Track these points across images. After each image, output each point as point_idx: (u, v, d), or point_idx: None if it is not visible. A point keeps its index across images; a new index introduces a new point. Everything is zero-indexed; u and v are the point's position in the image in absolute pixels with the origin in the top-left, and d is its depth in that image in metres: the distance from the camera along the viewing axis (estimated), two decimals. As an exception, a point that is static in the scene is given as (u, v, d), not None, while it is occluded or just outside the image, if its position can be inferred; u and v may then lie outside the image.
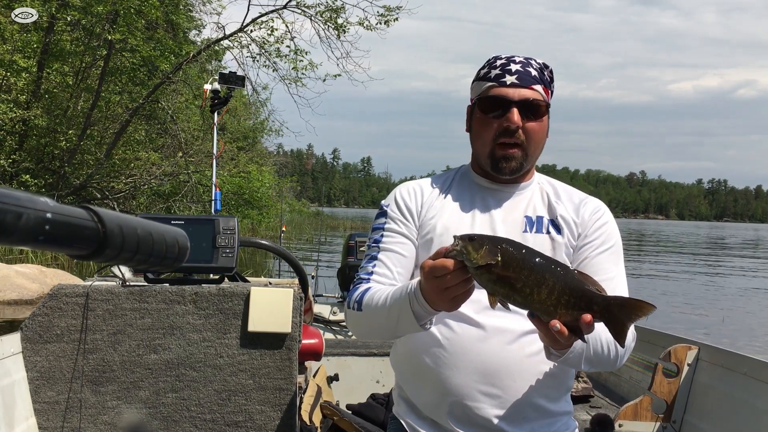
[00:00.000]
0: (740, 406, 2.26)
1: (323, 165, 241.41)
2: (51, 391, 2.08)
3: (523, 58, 1.55)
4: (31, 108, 14.87)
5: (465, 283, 1.20)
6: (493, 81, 1.53)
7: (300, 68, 16.38)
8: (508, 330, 1.47)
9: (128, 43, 15.26)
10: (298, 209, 29.21)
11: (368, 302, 1.47)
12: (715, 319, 10.57)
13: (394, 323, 1.41)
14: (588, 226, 1.56)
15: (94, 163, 16.46)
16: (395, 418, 1.66)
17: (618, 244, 1.58)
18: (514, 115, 1.49)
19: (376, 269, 1.55)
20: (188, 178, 16.98)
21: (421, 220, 1.58)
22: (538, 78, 1.53)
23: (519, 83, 1.50)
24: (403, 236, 1.58)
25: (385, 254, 1.56)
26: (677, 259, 25.59)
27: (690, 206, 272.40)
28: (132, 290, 2.11)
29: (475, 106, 1.57)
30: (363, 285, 1.54)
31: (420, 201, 1.61)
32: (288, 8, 15.95)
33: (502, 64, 1.54)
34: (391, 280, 1.54)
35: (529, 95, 1.51)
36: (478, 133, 1.56)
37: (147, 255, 0.61)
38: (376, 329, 1.52)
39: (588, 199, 1.62)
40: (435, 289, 1.23)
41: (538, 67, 1.55)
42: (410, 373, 1.59)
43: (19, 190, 0.47)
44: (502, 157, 1.52)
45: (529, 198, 1.60)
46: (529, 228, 1.54)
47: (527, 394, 1.48)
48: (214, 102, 5.79)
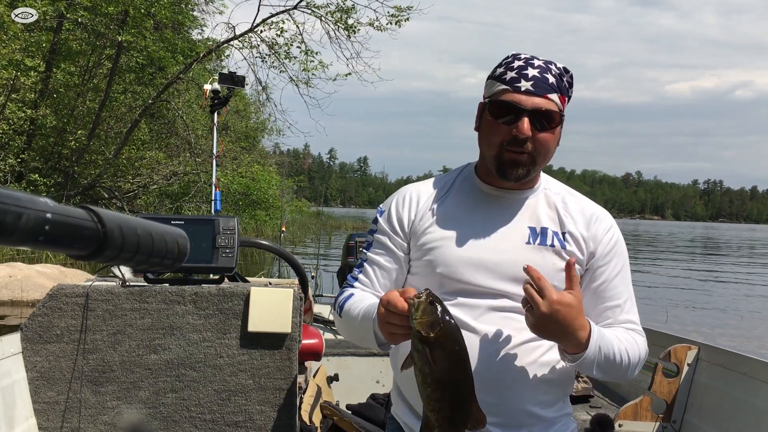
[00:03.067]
0: (740, 406, 2.26)
1: (320, 165, 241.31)
2: (51, 391, 2.08)
3: (543, 62, 1.48)
4: (39, 108, 14.89)
5: (405, 329, 1.26)
6: (507, 84, 1.45)
7: (310, 69, 16.37)
8: (504, 338, 1.46)
9: (138, 44, 15.29)
10: (299, 209, 29.23)
11: (347, 310, 1.54)
12: (734, 322, 10.55)
13: (363, 337, 1.48)
14: (602, 246, 1.52)
15: (103, 162, 16.50)
16: (393, 419, 1.66)
17: (626, 258, 1.58)
18: (524, 125, 1.42)
19: (360, 277, 1.61)
20: (198, 179, 16.99)
21: (413, 230, 1.56)
22: (555, 86, 1.46)
23: (534, 90, 1.43)
24: (388, 250, 1.58)
25: (370, 264, 1.60)
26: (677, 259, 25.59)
27: (686, 207, 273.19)
28: (132, 290, 2.11)
29: (486, 106, 1.51)
30: (348, 290, 1.60)
31: (414, 210, 1.57)
32: (298, 8, 15.94)
33: (519, 67, 1.46)
34: (372, 289, 1.59)
35: (543, 105, 1.44)
36: (487, 135, 1.50)
37: (147, 255, 0.61)
38: (353, 336, 1.59)
39: (598, 213, 1.57)
40: (381, 318, 1.31)
41: (556, 73, 1.48)
42: (408, 374, 1.58)
43: (19, 190, 0.47)
44: (509, 162, 1.46)
45: (534, 207, 1.54)
46: (532, 239, 1.50)
47: (525, 402, 1.47)
48: (214, 102, 5.80)
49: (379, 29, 15.94)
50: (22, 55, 13.96)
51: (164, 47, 16.08)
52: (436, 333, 1.18)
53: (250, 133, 26.64)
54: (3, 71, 13.62)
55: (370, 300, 1.50)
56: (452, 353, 1.20)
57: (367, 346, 1.50)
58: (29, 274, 8.98)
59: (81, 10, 14.41)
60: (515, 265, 1.45)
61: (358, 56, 16.40)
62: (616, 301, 1.52)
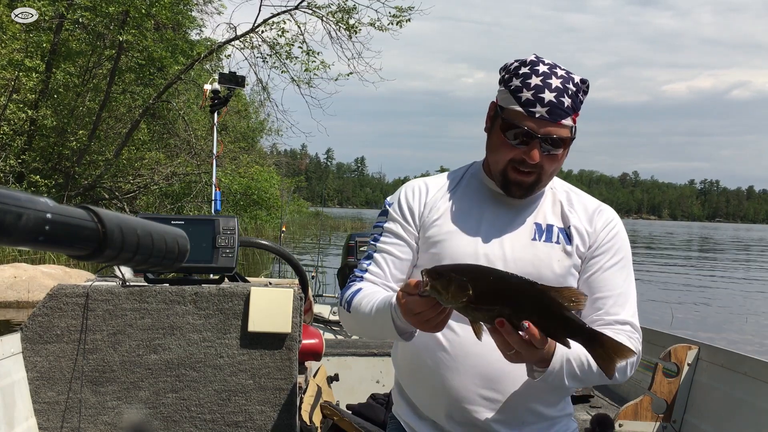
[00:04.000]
0: (740, 406, 2.27)
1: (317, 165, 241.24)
2: (51, 392, 2.08)
3: (560, 82, 1.42)
4: (40, 108, 14.89)
5: (441, 313, 1.23)
6: (521, 107, 1.42)
7: (312, 69, 16.32)
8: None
9: (140, 43, 15.28)
10: (298, 209, 29.25)
11: (356, 305, 1.49)
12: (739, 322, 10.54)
13: (379, 331, 1.45)
14: (600, 237, 1.52)
15: (104, 163, 16.49)
16: (395, 418, 1.66)
17: (628, 256, 1.56)
18: (535, 153, 1.41)
19: (370, 267, 1.57)
20: (199, 179, 16.98)
21: (422, 221, 1.55)
22: (571, 108, 1.43)
23: (548, 118, 1.41)
24: (401, 238, 1.56)
25: (381, 254, 1.56)
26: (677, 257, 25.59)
27: (682, 207, 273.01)
28: (132, 290, 2.11)
29: (498, 118, 1.47)
30: (356, 284, 1.55)
31: (423, 201, 1.56)
32: (300, 9, 15.92)
33: (536, 87, 1.41)
34: (384, 280, 1.55)
35: (554, 132, 1.42)
36: (495, 148, 1.49)
37: (147, 255, 0.61)
38: (364, 331, 1.57)
39: (601, 208, 1.58)
40: (414, 321, 1.27)
41: (573, 92, 1.43)
42: (410, 372, 1.58)
43: (19, 190, 0.47)
44: (514, 182, 1.47)
45: (540, 204, 1.55)
46: (538, 236, 1.50)
47: (527, 400, 1.47)
48: (214, 102, 5.80)
49: (380, 29, 15.91)
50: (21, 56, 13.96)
51: (165, 47, 16.07)
52: (472, 287, 1.16)
53: (249, 133, 26.64)
54: (4, 72, 13.63)
55: (381, 294, 1.47)
56: (494, 282, 1.18)
57: (383, 337, 1.46)
58: (34, 274, 9.00)
59: (81, 11, 14.40)
60: (520, 261, 1.46)
61: (359, 56, 16.39)
62: (607, 293, 1.50)
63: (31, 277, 8.87)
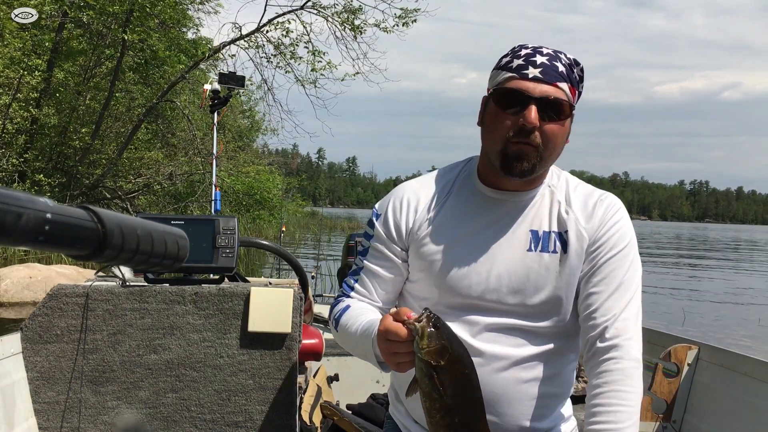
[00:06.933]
0: (740, 406, 2.27)
1: (308, 165, 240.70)
2: (51, 392, 2.08)
3: (552, 51, 1.39)
4: (42, 107, 14.89)
5: (412, 356, 1.19)
6: (513, 72, 1.36)
7: (318, 69, 16.28)
8: (504, 356, 1.41)
9: (145, 42, 15.28)
10: (294, 209, 29.22)
11: (343, 325, 1.48)
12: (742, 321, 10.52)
13: (362, 355, 1.43)
14: (599, 230, 1.43)
15: (106, 162, 16.49)
16: (391, 418, 1.66)
17: (630, 246, 1.45)
18: (531, 113, 1.32)
19: (356, 286, 1.54)
20: (203, 179, 16.96)
21: (411, 237, 1.49)
22: (565, 75, 1.37)
23: (542, 78, 1.34)
24: (386, 258, 1.51)
25: (367, 274, 1.54)
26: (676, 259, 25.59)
27: (672, 207, 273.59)
28: (132, 290, 2.11)
29: (491, 97, 1.40)
30: (344, 301, 1.54)
31: (412, 218, 1.49)
32: (305, 9, 15.90)
33: (526, 54, 1.37)
34: (370, 299, 1.53)
35: (552, 93, 1.34)
36: (491, 127, 1.40)
37: (147, 255, 0.61)
38: (352, 351, 1.53)
39: (602, 198, 1.48)
40: (384, 349, 1.24)
41: (567, 63, 1.38)
42: (405, 379, 1.56)
43: (21, 190, 0.47)
44: (514, 155, 1.35)
45: (536, 209, 1.45)
46: (534, 246, 1.42)
47: (522, 420, 1.43)
48: (213, 102, 5.80)
49: (386, 30, 15.90)
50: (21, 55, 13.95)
51: (168, 46, 16.08)
52: (446, 360, 1.11)
53: (246, 132, 26.62)
54: (7, 70, 13.63)
55: (367, 315, 1.44)
56: (462, 378, 1.14)
57: (367, 361, 1.44)
58: (48, 274, 9.01)
59: (85, 9, 14.39)
60: (515, 275, 1.41)
61: (364, 57, 16.38)
62: (609, 285, 1.40)
63: (46, 277, 8.88)
